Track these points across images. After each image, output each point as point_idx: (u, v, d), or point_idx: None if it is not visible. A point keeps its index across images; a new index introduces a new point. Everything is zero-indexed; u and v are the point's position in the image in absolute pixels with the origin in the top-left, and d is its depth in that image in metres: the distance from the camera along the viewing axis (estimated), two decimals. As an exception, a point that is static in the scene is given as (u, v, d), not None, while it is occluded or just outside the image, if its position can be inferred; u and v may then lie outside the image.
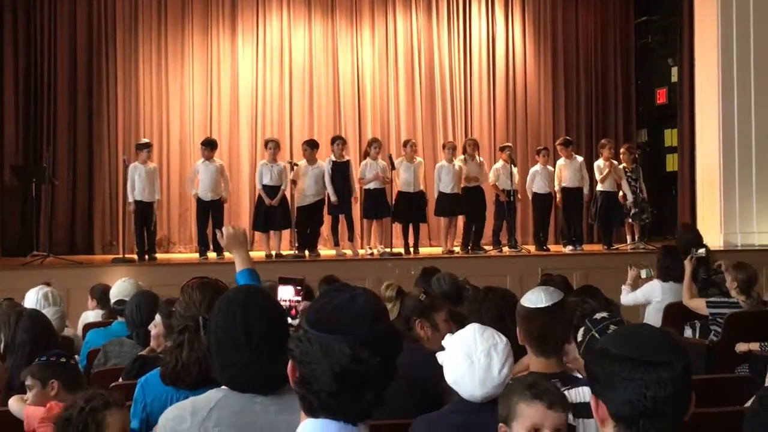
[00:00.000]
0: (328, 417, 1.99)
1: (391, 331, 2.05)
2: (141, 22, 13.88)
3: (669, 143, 15.22)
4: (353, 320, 1.99)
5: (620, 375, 2.05)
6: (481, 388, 3.10)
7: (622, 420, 2.07)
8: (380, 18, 14.79)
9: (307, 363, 1.98)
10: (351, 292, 2.07)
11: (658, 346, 2.09)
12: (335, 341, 1.95)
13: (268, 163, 12.01)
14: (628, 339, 2.14)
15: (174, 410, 2.70)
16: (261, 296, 2.85)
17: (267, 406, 2.63)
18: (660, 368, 2.03)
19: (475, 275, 8.65)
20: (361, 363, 1.95)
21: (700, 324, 7.19)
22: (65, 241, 13.10)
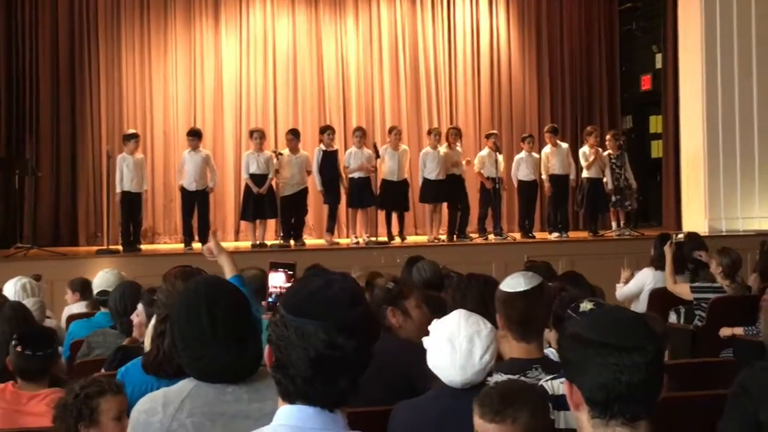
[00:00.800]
0: (304, 403, 1.98)
1: (367, 317, 2.04)
2: (123, 13, 13.79)
3: (654, 129, 15.26)
4: (328, 305, 1.97)
5: (594, 360, 2.05)
6: (461, 374, 3.09)
7: (596, 405, 2.07)
8: (364, 6, 14.75)
9: (284, 348, 1.97)
10: (327, 277, 2.06)
11: (631, 331, 2.09)
12: (310, 326, 1.94)
13: (254, 152, 12.00)
14: (602, 324, 2.14)
15: (146, 402, 2.68)
16: (221, 286, 2.84)
17: (239, 395, 2.61)
18: (634, 353, 2.03)
19: (461, 263, 8.67)
20: (336, 348, 1.93)
21: (684, 309, 7.22)
22: (49, 232, 13.04)
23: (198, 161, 11.88)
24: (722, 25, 12.84)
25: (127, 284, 5.76)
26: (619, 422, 2.05)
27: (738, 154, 12.86)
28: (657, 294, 7.58)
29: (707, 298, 6.90)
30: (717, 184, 12.89)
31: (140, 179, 11.77)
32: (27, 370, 4.09)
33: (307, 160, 12.16)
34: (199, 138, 12.10)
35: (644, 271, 8.09)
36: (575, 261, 10.82)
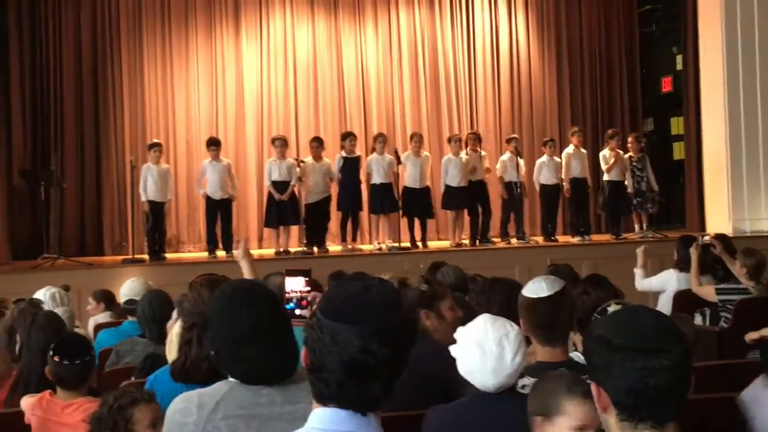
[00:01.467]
0: (337, 406, 2.00)
1: (403, 323, 2.05)
2: (145, 23, 13.91)
3: (675, 131, 15.20)
4: (364, 310, 1.99)
5: (621, 364, 2.04)
6: (494, 378, 3.08)
7: (624, 408, 2.06)
8: (383, 13, 14.79)
9: (318, 351, 1.99)
10: (365, 282, 2.08)
11: (657, 333, 2.07)
12: (345, 331, 1.96)
13: (277, 160, 12.06)
14: (628, 326, 2.11)
15: (181, 402, 2.71)
16: (257, 288, 2.89)
17: (273, 398, 2.65)
18: (661, 355, 2.02)
19: (484, 267, 8.67)
20: (370, 354, 1.95)
21: (710, 311, 7.19)
22: (75, 242, 13.16)
23: (220, 170, 11.95)
24: (743, 25, 12.80)
25: (155, 292, 5.81)
26: (648, 425, 2.05)
27: (761, 154, 12.81)
28: (682, 296, 7.55)
29: (733, 300, 6.87)
30: (740, 185, 12.83)
31: (165, 189, 11.85)
32: (66, 378, 4.15)
33: (329, 168, 12.21)
34: (219, 147, 12.19)
35: (668, 271, 8.07)
36: (598, 264, 10.80)
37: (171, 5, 14.04)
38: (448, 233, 13.08)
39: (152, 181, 11.68)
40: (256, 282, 3.12)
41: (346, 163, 12.15)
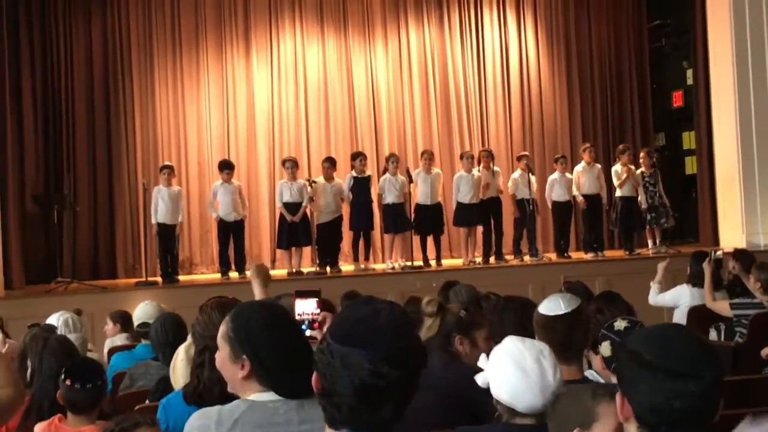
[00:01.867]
0: (349, 429, 2.00)
1: (413, 347, 2.05)
2: (155, 45, 13.98)
3: (687, 146, 15.17)
4: (374, 334, 1.99)
5: (648, 381, 2.03)
6: (542, 396, 2.99)
7: (646, 424, 2.06)
8: (393, 31, 14.83)
9: (329, 375, 1.99)
10: (375, 305, 2.08)
11: (691, 357, 2.05)
12: (355, 354, 1.96)
13: (288, 181, 12.08)
14: (663, 345, 2.10)
15: (199, 418, 2.73)
16: (280, 308, 2.94)
17: (290, 417, 2.66)
18: (690, 380, 2.01)
19: (497, 285, 8.64)
20: (380, 377, 1.95)
21: (725, 326, 7.15)
22: (88, 266, 13.18)
23: (231, 192, 11.98)
24: (753, 38, 12.78)
25: (168, 315, 5.81)
26: None
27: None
28: (696, 311, 7.52)
29: (747, 315, 6.83)
30: (753, 199, 12.78)
31: (175, 211, 11.88)
32: (77, 403, 4.14)
33: (341, 188, 12.23)
34: (233, 170, 12.22)
35: (681, 286, 8.03)
36: (612, 280, 10.77)
37: (181, 27, 14.11)
38: (461, 251, 13.07)
39: (163, 203, 11.72)
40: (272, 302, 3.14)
41: (357, 183, 12.17)
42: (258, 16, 14.38)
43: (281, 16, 14.47)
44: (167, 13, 14.08)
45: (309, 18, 14.55)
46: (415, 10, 14.93)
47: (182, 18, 14.12)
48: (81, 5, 13.62)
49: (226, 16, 14.29)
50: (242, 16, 14.36)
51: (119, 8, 13.84)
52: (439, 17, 15.00)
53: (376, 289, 9.94)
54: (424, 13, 14.96)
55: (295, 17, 14.51)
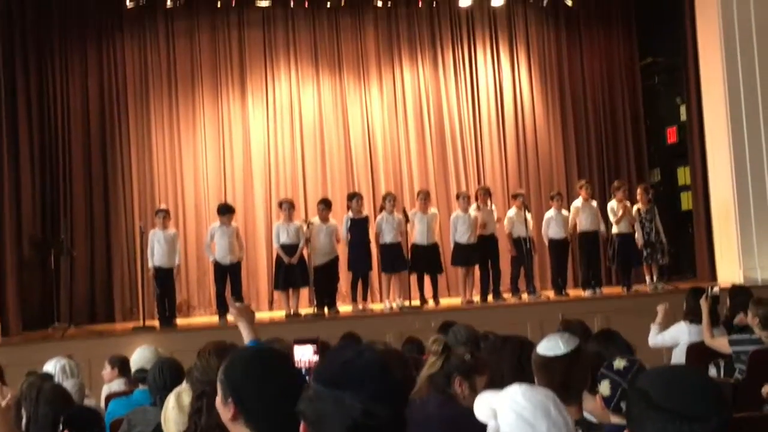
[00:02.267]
0: None
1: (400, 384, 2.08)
2: (152, 89, 14.07)
3: (682, 182, 15.20)
4: (362, 374, 2.01)
5: (656, 422, 2.03)
6: None
7: None
8: (387, 73, 14.92)
9: (318, 422, 2.00)
10: (357, 348, 2.11)
11: (698, 399, 2.04)
12: (347, 396, 1.97)
13: (284, 222, 12.08)
14: (670, 386, 2.09)
15: None
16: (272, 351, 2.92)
17: None
18: (695, 423, 1.99)
19: (496, 324, 8.62)
20: (373, 417, 1.96)
21: (724, 362, 7.12)
22: (85, 310, 13.16)
23: (229, 234, 11.98)
24: (744, 74, 12.88)
25: (165, 360, 5.78)
26: None
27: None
28: (695, 348, 7.49)
29: (746, 351, 6.80)
30: (750, 234, 12.80)
31: (172, 254, 11.87)
32: None
33: (336, 229, 12.25)
34: (232, 213, 12.24)
35: (679, 324, 7.99)
36: (610, 317, 10.75)
37: (177, 70, 14.21)
38: (459, 290, 13.06)
39: (159, 246, 11.71)
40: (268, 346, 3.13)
41: (354, 224, 12.18)
42: (253, 58, 14.48)
43: (276, 58, 14.57)
44: (163, 55, 14.19)
45: (304, 59, 14.64)
46: (409, 50, 15.03)
47: (178, 60, 14.22)
48: (77, 48, 13.72)
49: (222, 59, 14.39)
50: (237, 58, 14.45)
51: (115, 51, 13.96)
52: (432, 57, 15.10)
53: (374, 329, 9.92)
54: (418, 53, 15.06)
55: (290, 59, 14.61)
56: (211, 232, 12.10)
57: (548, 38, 15.57)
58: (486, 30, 15.32)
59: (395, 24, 15.01)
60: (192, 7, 13.92)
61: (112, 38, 13.96)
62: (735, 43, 12.92)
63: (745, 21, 12.94)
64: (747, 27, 12.92)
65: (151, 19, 14.06)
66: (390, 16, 14.93)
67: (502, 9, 15.15)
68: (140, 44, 14.11)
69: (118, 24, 13.95)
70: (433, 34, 15.15)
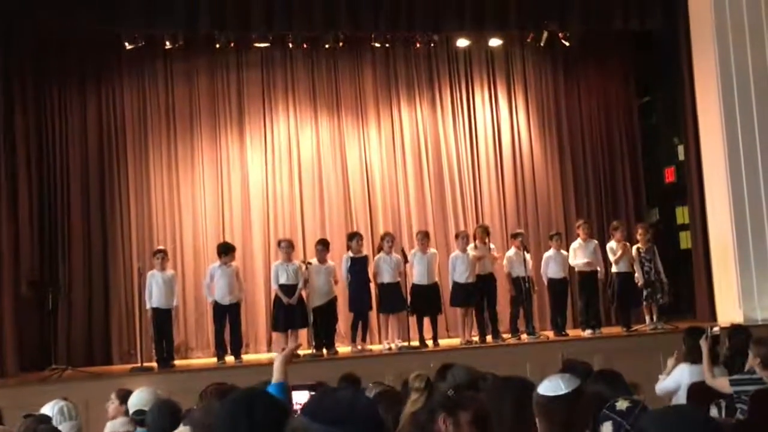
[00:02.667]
0: None
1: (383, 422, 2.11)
2: (150, 130, 14.09)
3: (681, 221, 15.19)
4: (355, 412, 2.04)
5: None
6: None
7: None
8: (386, 113, 14.97)
9: None
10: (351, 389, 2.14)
11: None
12: None
13: (283, 263, 12.07)
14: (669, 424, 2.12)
15: None
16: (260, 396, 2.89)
17: None
18: None
19: (495, 364, 8.60)
20: None
21: (725, 403, 7.08)
22: (83, 352, 13.09)
23: (229, 274, 11.97)
24: (741, 113, 12.92)
25: (164, 402, 5.76)
26: None
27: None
28: (696, 388, 7.45)
29: (747, 391, 6.77)
30: (749, 273, 12.78)
31: (170, 295, 11.85)
32: None
33: (334, 270, 12.26)
34: (233, 252, 12.22)
35: (680, 366, 7.96)
36: (610, 357, 10.69)
37: (176, 111, 14.25)
38: (458, 331, 13.02)
39: (157, 288, 11.71)
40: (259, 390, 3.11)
41: (354, 264, 12.18)
42: (252, 98, 14.53)
43: (275, 99, 14.62)
44: (161, 96, 14.23)
45: (302, 100, 14.69)
46: (407, 92, 15.08)
47: (177, 101, 14.27)
48: (76, 89, 13.77)
49: (220, 99, 14.43)
50: (236, 99, 14.50)
51: (114, 92, 14.01)
52: (431, 98, 15.15)
53: (373, 370, 9.85)
54: (416, 94, 15.11)
55: (288, 99, 14.66)
56: (210, 272, 12.08)
57: (546, 78, 15.64)
58: (484, 70, 15.39)
59: (393, 65, 15.07)
60: (191, 48, 13.95)
61: (111, 79, 14.02)
62: (732, 83, 12.99)
63: (741, 61, 13.01)
64: (744, 68, 13.00)
65: (150, 60, 14.11)
66: (388, 57, 14.99)
67: (500, 49, 15.23)
68: (139, 85, 14.16)
69: (117, 65, 13.99)
70: (431, 75, 15.21)
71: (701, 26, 13.51)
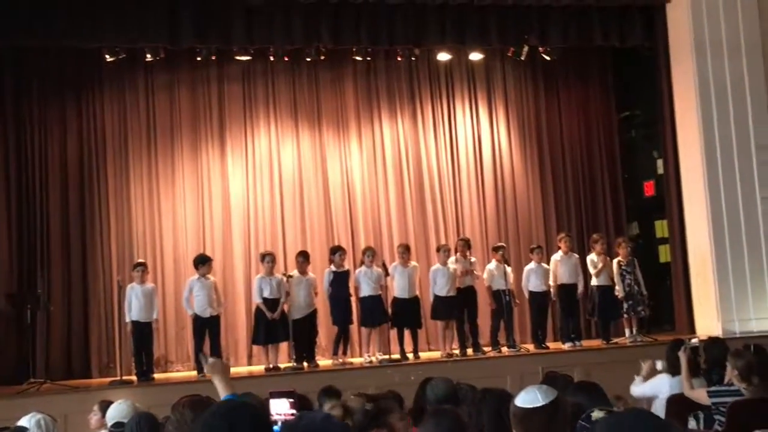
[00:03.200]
0: None
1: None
2: (131, 143, 14.03)
3: (660, 234, 15.27)
4: None
5: None
6: None
7: None
8: (367, 127, 14.97)
9: None
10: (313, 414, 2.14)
11: None
12: None
13: (266, 276, 12.05)
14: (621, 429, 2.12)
15: None
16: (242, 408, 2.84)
17: None
18: None
19: (476, 377, 8.60)
20: None
21: (704, 414, 7.11)
22: (62, 366, 12.99)
23: (208, 287, 11.94)
24: (720, 127, 13.04)
25: (143, 414, 5.73)
26: None
27: (746, 254, 12.88)
28: (675, 400, 7.49)
29: (725, 402, 6.80)
30: (727, 286, 12.86)
31: (150, 308, 11.81)
32: None
33: (315, 282, 12.25)
34: (208, 264, 12.19)
35: (660, 376, 8.00)
36: (590, 370, 10.70)
37: (157, 124, 14.19)
38: (439, 344, 13.02)
39: (137, 300, 11.68)
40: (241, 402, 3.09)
41: (336, 278, 12.18)
42: (233, 112, 14.50)
43: (256, 112, 14.60)
44: (142, 109, 14.18)
45: (283, 113, 14.67)
46: (389, 105, 15.09)
47: (157, 114, 14.22)
48: (56, 101, 13.71)
49: (201, 112, 14.40)
50: (217, 112, 14.46)
51: (94, 105, 13.95)
52: (411, 111, 15.17)
53: (354, 383, 9.84)
54: (397, 108, 15.12)
55: (269, 113, 14.64)
56: (190, 285, 12.05)
57: (526, 92, 15.69)
58: (465, 84, 15.43)
59: (374, 78, 15.08)
60: (172, 61, 13.91)
61: (91, 91, 13.97)
62: (710, 98, 13.09)
63: (719, 76, 13.13)
64: (722, 82, 13.11)
65: (130, 73, 14.06)
66: (369, 70, 15.01)
67: (481, 63, 15.27)
68: (119, 98, 14.11)
69: (98, 77, 13.95)
70: (412, 88, 15.23)
71: (680, 42, 13.61)
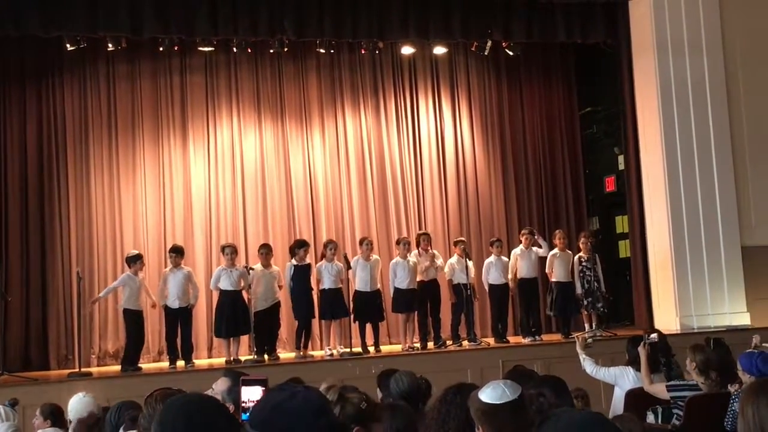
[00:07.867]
0: None
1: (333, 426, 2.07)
2: (91, 133, 13.88)
3: (620, 230, 15.42)
4: (294, 417, 2.00)
5: None
6: None
7: None
8: (330, 120, 14.94)
9: None
10: (290, 390, 2.09)
11: None
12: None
13: (227, 268, 12.00)
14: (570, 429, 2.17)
15: None
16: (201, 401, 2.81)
17: None
18: None
19: (436, 370, 8.65)
20: None
21: (662, 409, 7.20)
22: (19, 357, 12.87)
23: (180, 278, 11.87)
24: (680, 124, 13.18)
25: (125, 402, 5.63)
26: None
27: (704, 251, 13.04)
28: (634, 394, 7.57)
29: (684, 397, 6.89)
30: (686, 282, 13.02)
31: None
32: None
33: (278, 275, 12.21)
34: (181, 255, 12.13)
35: (624, 367, 8.03)
36: (550, 364, 10.85)
37: (118, 114, 14.06)
38: (400, 337, 13.04)
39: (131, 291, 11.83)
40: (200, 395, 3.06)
41: (297, 271, 12.15)
42: (195, 103, 14.40)
43: (218, 103, 14.51)
44: (103, 99, 14.04)
45: (246, 105, 14.61)
46: (352, 98, 15.08)
47: (119, 104, 14.09)
48: (15, 90, 13.56)
49: (163, 103, 14.29)
50: (179, 103, 14.36)
51: (54, 94, 13.81)
52: (375, 105, 15.17)
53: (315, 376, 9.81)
54: (361, 101, 15.11)
55: (232, 104, 14.56)
56: (163, 276, 12.00)
57: (489, 87, 15.74)
58: (428, 78, 15.46)
59: (338, 71, 15.05)
60: (134, 50, 13.78)
61: (51, 80, 13.82)
62: (671, 95, 13.23)
63: (680, 74, 13.27)
64: (683, 79, 13.26)
65: (91, 61, 13.92)
66: (333, 63, 14.97)
67: (444, 57, 15.30)
68: (80, 87, 13.96)
69: (59, 66, 13.80)
70: (375, 82, 15.23)
71: (642, 39, 13.73)
